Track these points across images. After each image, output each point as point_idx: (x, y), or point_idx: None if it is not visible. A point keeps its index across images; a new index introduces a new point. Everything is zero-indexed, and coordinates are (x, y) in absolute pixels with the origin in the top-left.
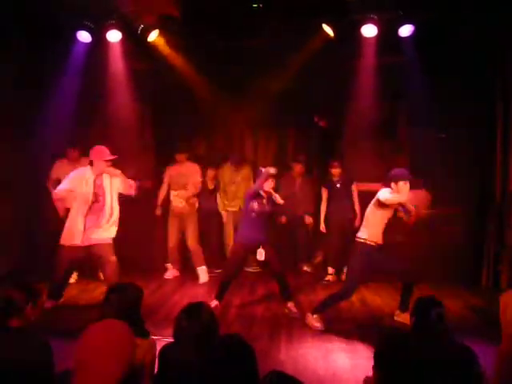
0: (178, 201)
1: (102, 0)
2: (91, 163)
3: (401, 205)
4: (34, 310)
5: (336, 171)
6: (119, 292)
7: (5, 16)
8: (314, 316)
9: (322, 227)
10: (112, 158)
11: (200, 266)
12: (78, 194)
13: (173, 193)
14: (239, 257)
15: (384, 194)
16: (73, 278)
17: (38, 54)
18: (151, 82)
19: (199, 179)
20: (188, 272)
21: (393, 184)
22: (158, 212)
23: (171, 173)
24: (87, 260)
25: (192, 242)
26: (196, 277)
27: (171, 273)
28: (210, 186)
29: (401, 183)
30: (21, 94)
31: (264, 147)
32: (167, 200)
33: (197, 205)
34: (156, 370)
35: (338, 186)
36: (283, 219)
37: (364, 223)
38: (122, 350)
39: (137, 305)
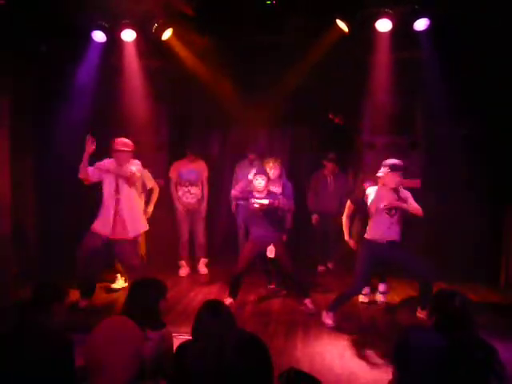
0: (189, 197)
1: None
2: (113, 155)
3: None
4: (60, 308)
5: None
6: (142, 287)
7: (21, 18)
8: (328, 313)
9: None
10: (128, 149)
11: (203, 257)
12: (105, 184)
13: (183, 189)
14: (249, 253)
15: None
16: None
17: (54, 55)
18: (166, 81)
19: (206, 177)
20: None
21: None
22: (181, 209)
23: (180, 169)
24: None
25: (202, 237)
26: (211, 274)
27: (185, 270)
28: None
29: (385, 171)
30: (39, 96)
31: (279, 145)
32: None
33: (204, 200)
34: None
35: None
36: (314, 218)
37: None
38: (129, 345)
39: (157, 300)
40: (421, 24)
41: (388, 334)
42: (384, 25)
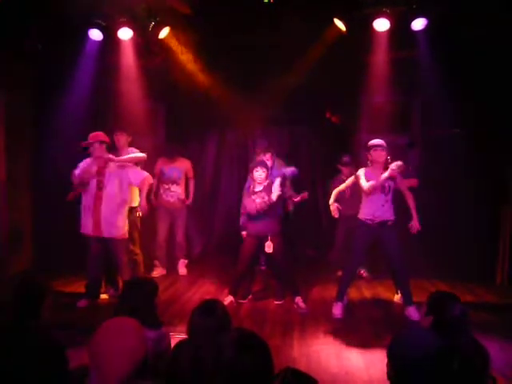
0: (169, 195)
1: None
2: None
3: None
4: (49, 306)
5: None
6: (135, 287)
7: (18, 17)
8: (337, 304)
9: None
10: (101, 140)
11: (182, 258)
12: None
13: (164, 187)
14: (249, 249)
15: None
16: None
17: (51, 53)
18: (163, 80)
19: (192, 175)
20: (196, 269)
21: (368, 155)
22: (159, 206)
23: (163, 167)
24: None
25: (182, 236)
26: (208, 273)
27: (159, 270)
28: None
29: (372, 152)
30: (36, 95)
31: (277, 144)
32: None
33: (188, 199)
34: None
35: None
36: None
37: None
38: (132, 347)
39: (151, 299)
40: (418, 24)
41: (383, 332)
42: (382, 24)
